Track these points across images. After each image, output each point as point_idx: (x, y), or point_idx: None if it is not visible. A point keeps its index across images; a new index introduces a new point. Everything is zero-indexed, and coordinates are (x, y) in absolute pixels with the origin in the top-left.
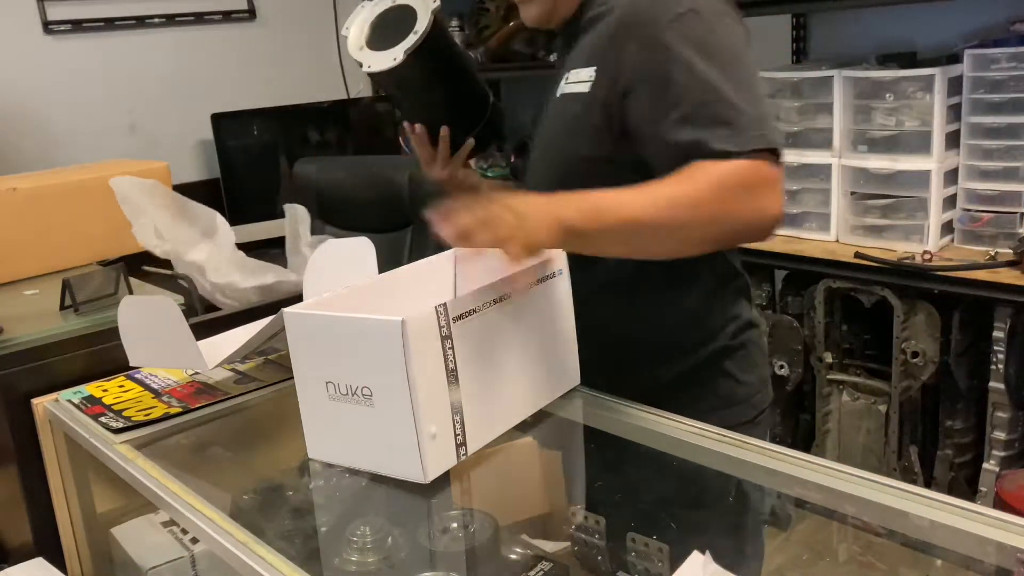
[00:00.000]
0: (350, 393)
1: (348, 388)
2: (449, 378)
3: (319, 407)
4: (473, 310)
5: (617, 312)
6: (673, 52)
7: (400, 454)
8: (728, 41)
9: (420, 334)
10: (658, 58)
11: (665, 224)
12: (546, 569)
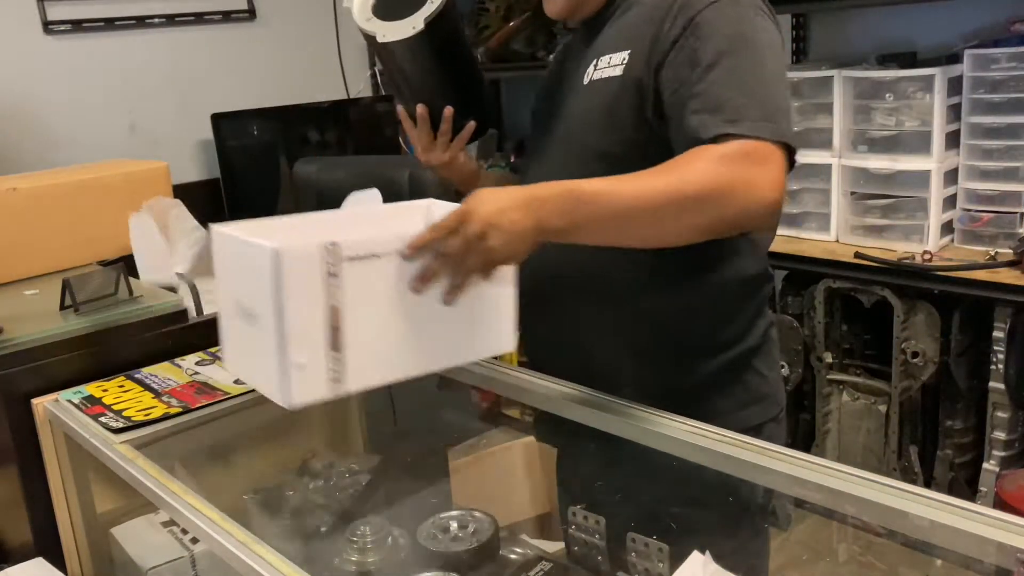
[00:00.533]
0: (243, 312)
1: (241, 307)
2: (331, 314)
3: (228, 322)
4: (374, 254)
5: (658, 307)
6: (703, 35)
7: (272, 377)
8: (758, 36)
9: (297, 266)
10: (689, 38)
11: (653, 214)
12: (546, 569)
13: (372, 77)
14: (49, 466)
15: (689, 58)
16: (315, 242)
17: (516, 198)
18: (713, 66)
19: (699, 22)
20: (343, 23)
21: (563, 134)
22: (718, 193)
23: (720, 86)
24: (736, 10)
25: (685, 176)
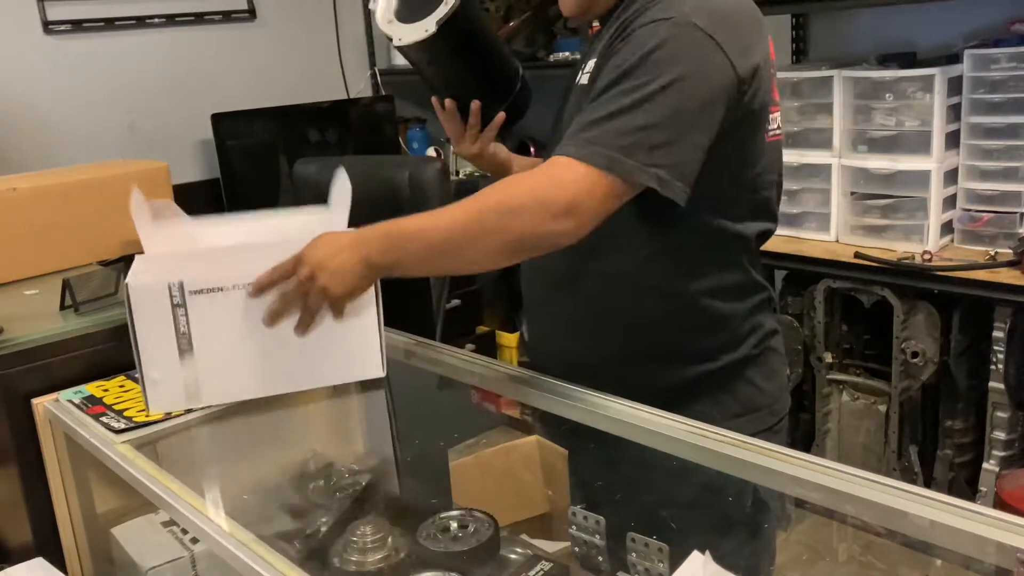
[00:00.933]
0: None
1: None
2: (180, 339)
3: None
4: (219, 288)
5: (639, 312)
6: (626, 48)
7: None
8: (677, 64)
9: (145, 298)
10: (617, 49)
11: (462, 241)
12: (546, 569)
13: (372, 77)
14: (49, 466)
15: (608, 70)
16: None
17: (344, 242)
18: (609, 87)
19: (630, 34)
20: (343, 23)
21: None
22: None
23: (600, 108)
24: (667, 31)
25: (488, 199)
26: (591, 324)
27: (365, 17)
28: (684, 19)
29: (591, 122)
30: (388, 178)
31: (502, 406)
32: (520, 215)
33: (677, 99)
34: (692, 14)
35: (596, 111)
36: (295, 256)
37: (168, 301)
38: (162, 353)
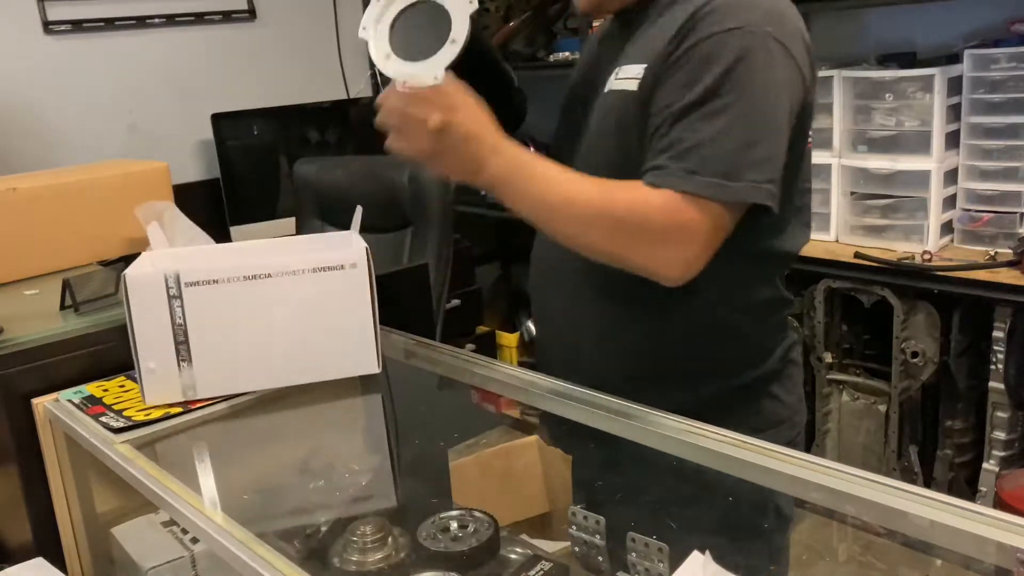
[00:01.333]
0: None
1: None
2: (176, 331)
3: None
4: (214, 280)
5: (668, 328)
6: (700, 65)
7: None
8: (756, 76)
9: (142, 289)
10: (686, 66)
11: (569, 224)
12: (546, 569)
13: (372, 77)
14: (49, 466)
15: (679, 87)
16: (160, 269)
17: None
18: (695, 106)
19: (700, 50)
20: (343, 23)
21: (584, 144)
22: (627, 243)
23: (693, 131)
24: (742, 42)
25: (614, 205)
26: (617, 342)
27: None
28: (757, 28)
29: (686, 150)
30: (388, 178)
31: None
32: (623, 238)
33: (767, 113)
34: (763, 22)
35: (686, 136)
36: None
37: (164, 292)
38: (158, 344)
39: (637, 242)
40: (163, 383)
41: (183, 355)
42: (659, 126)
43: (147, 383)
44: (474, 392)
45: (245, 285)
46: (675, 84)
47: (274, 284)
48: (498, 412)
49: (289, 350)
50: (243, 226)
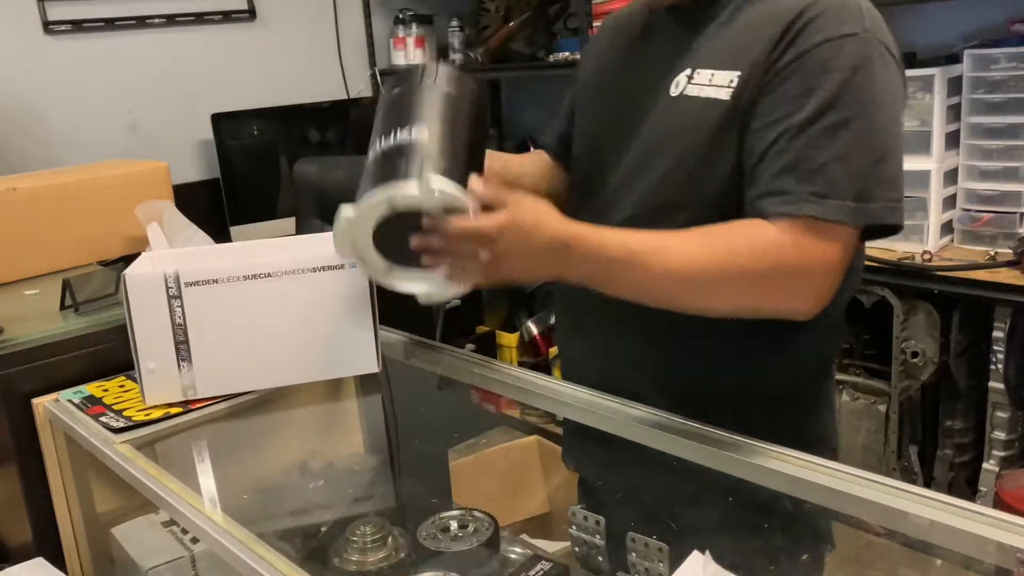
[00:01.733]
0: None
1: None
2: (176, 330)
3: None
4: (215, 280)
5: (727, 358)
6: (813, 75)
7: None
8: (876, 86)
9: (142, 288)
10: (797, 74)
11: (694, 296)
12: (546, 569)
13: (372, 77)
14: (49, 466)
15: (790, 99)
16: (160, 269)
17: (546, 242)
18: (815, 119)
19: (813, 57)
20: (343, 23)
21: (642, 147)
22: (762, 293)
23: (818, 148)
24: (859, 49)
25: (725, 257)
26: (664, 366)
27: (365, 17)
28: (869, 35)
29: (812, 170)
30: None
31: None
32: (759, 288)
33: (890, 123)
34: (873, 28)
35: (809, 154)
36: (494, 225)
37: (164, 292)
38: (158, 344)
39: (773, 289)
40: (163, 383)
41: (183, 355)
42: (773, 141)
43: (147, 383)
44: (474, 392)
45: (245, 285)
46: (787, 95)
47: (274, 284)
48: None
49: (289, 350)
50: (243, 226)
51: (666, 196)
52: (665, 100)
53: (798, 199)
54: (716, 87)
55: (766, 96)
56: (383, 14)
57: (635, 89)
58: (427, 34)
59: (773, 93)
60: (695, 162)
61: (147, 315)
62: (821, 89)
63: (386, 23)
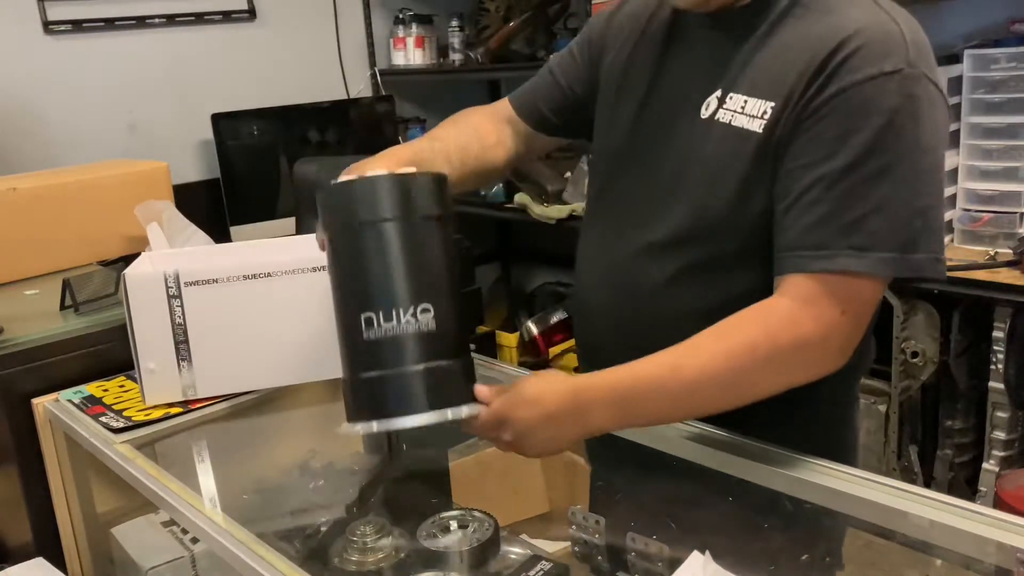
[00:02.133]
0: None
1: None
2: (176, 330)
3: None
4: (214, 280)
5: None
6: (853, 116)
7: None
8: (922, 125)
9: (141, 288)
10: (834, 114)
11: (704, 398)
12: (546, 569)
13: (372, 77)
14: (49, 466)
15: (827, 141)
16: (160, 269)
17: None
18: (855, 167)
19: (852, 97)
20: (343, 23)
21: (673, 173)
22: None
23: (857, 198)
24: (902, 88)
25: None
26: None
27: (365, 17)
28: (915, 70)
29: (851, 223)
30: None
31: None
32: (785, 370)
33: (935, 168)
34: (917, 60)
35: (849, 204)
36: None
37: (164, 292)
38: (158, 344)
39: (799, 365)
40: (163, 383)
41: (183, 355)
42: (807, 188)
43: (147, 383)
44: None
45: (245, 285)
46: (823, 137)
47: (274, 284)
48: None
49: (289, 350)
50: (243, 226)
51: (698, 227)
52: (694, 121)
53: (836, 254)
54: (748, 116)
55: (800, 135)
56: (383, 14)
57: (663, 102)
58: (427, 34)
59: (807, 133)
60: (727, 195)
61: (147, 315)
62: (861, 132)
63: (386, 23)
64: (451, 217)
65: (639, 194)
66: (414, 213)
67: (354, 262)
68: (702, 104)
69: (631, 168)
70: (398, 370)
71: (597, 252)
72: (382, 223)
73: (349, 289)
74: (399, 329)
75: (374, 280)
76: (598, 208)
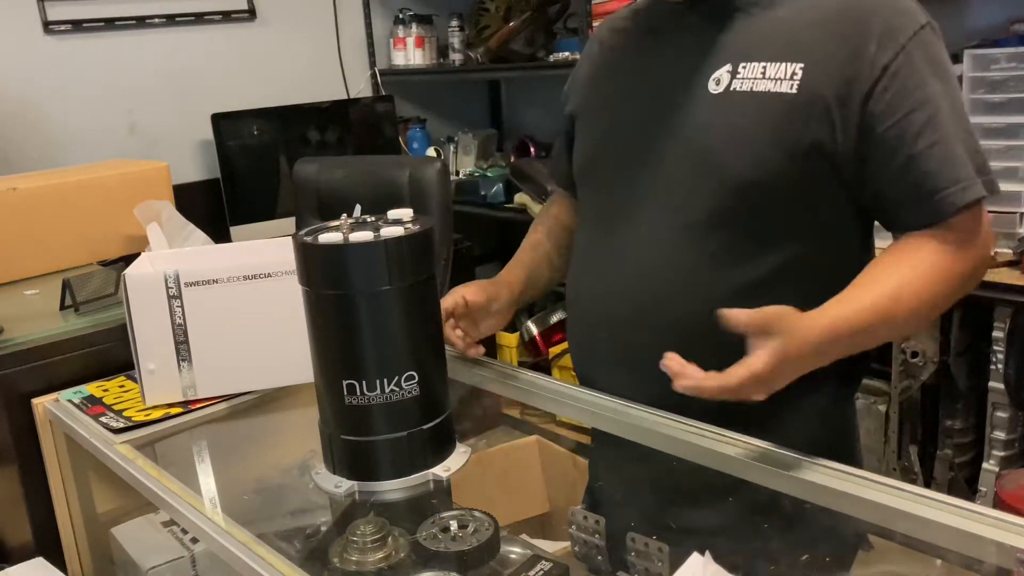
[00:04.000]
0: None
1: None
2: (176, 331)
3: None
4: (214, 280)
5: None
6: (918, 67)
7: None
8: (950, 67)
9: (142, 288)
10: (904, 69)
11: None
12: (546, 569)
13: (372, 77)
14: (49, 466)
15: (906, 94)
16: (160, 269)
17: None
18: (938, 112)
19: (911, 51)
20: (343, 23)
21: (693, 151)
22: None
23: (953, 140)
24: (936, 38)
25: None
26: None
27: (365, 17)
28: (930, 22)
29: (971, 153)
30: (388, 178)
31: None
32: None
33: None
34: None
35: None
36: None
37: (164, 292)
38: (158, 344)
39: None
40: (163, 383)
41: (183, 355)
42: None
43: (147, 383)
44: (474, 392)
45: (245, 285)
46: (907, 88)
47: (274, 284)
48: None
49: (289, 350)
50: (243, 226)
51: (736, 197)
52: (704, 97)
53: (973, 183)
54: (774, 80)
55: (882, 97)
56: (383, 14)
57: (659, 90)
58: (427, 34)
59: (889, 92)
60: (762, 161)
61: (147, 315)
62: (934, 76)
63: (386, 23)
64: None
65: (657, 184)
66: (406, 279)
67: (340, 327)
68: (708, 80)
69: (635, 166)
70: (381, 438)
71: (605, 251)
72: (373, 293)
73: (330, 356)
74: (383, 399)
75: (360, 349)
76: (600, 212)
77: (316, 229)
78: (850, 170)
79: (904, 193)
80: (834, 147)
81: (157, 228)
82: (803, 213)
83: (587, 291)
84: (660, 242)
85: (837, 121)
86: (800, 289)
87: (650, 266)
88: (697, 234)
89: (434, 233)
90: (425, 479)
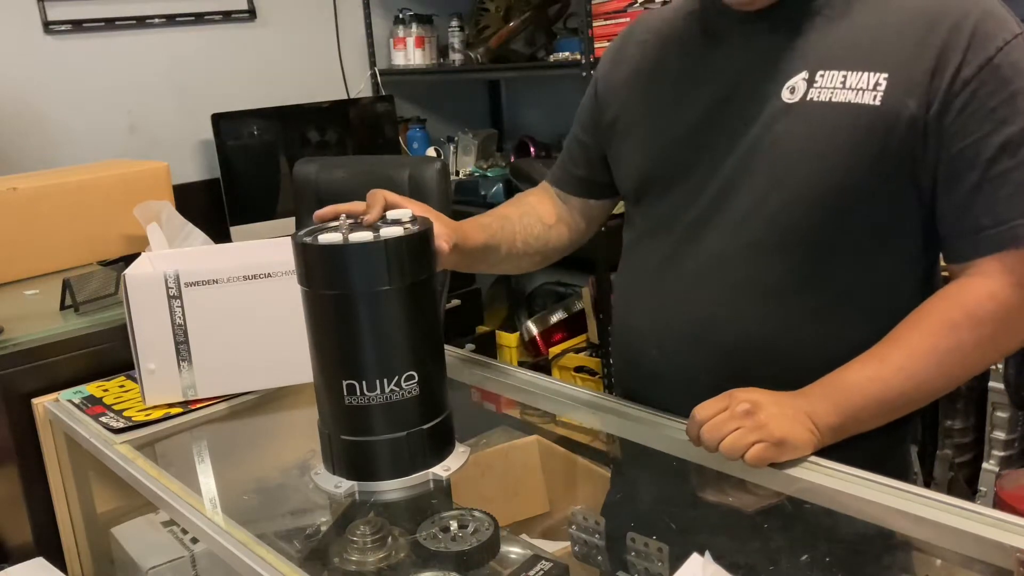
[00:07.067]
0: None
1: None
2: (176, 331)
3: None
4: (213, 280)
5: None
6: (1006, 84)
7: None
8: None
9: (142, 288)
10: (988, 85)
11: (922, 385)
12: (546, 569)
13: (372, 77)
14: (49, 466)
15: (988, 113)
16: (160, 270)
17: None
18: (1014, 134)
19: (999, 64)
20: (343, 23)
21: (755, 163)
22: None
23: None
24: None
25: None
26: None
27: (365, 17)
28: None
29: None
30: (388, 178)
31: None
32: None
33: None
34: (1016, 22)
35: None
36: (726, 393)
37: (164, 292)
38: (158, 344)
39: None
40: (163, 383)
41: (183, 355)
42: (992, 160)
43: (147, 383)
44: (474, 392)
45: (245, 285)
46: (987, 107)
47: (274, 284)
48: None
49: (289, 350)
50: (243, 226)
51: (806, 215)
52: (777, 107)
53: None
54: (855, 90)
55: (958, 114)
56: (383, 14)
57: (724, 98)
58: (427, 34)
59: (967, 109)
60: (840, 177)
61: (147, 315)
62: (1020, 103)
63: (386, 23)
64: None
65: (720, 197)
66: (406, 279)
67: (340, 328)
68: (782, 89)
69: (695, 178)
70: (381, 437)
71: (662, 266)
72: (373, 293)
73: (330, 356)
74: (382, 399)
75: (360, 348)
76: (658, 224)
77: (315, 229)
78: (930, 189)
79: (968, 221)
80: (916, 165)
81: (157, 228)
82: (875, 235)
83: (639, 305)
84: (721, 259)
85: (920, 136)
86: (863, 316)
87: (709, 285)
88: (762, 253)
89: (433, 233)
90: (425, 479)
